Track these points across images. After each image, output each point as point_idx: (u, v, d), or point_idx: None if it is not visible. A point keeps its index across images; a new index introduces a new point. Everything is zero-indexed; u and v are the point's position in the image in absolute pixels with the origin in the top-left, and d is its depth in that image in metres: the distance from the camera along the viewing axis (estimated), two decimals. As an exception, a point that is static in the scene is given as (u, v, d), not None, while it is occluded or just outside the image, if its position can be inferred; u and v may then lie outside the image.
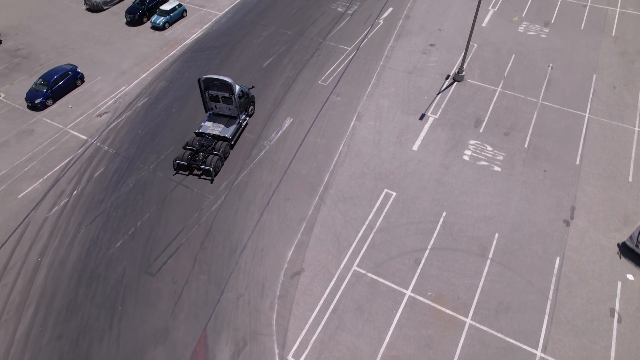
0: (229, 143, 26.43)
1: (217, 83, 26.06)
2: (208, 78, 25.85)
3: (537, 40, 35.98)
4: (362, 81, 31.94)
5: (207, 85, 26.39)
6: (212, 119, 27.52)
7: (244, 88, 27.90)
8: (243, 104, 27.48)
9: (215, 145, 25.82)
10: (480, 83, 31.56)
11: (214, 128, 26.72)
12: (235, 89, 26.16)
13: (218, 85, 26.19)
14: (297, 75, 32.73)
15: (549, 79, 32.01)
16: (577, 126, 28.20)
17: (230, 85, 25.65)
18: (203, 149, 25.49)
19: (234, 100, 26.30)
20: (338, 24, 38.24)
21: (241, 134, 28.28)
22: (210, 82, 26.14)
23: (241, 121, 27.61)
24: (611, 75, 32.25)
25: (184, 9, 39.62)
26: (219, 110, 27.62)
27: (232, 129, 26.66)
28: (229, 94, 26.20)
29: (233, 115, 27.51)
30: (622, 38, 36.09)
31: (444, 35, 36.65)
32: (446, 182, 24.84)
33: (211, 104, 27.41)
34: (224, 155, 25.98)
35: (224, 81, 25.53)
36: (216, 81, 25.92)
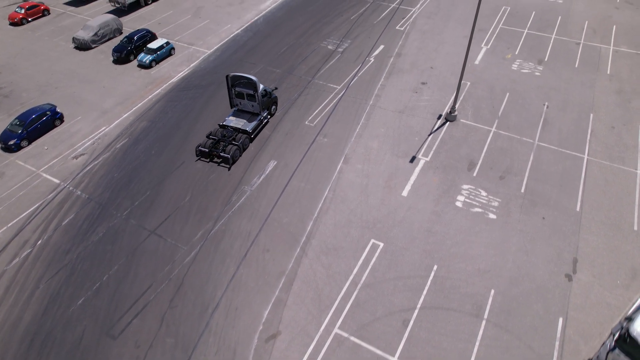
0: (249, 136, 28.54)
1: (244, 81, 28.47)
2: (235, 75, 28.30)
3: (532, 78, 35.10)
4: (351, 121, 30.79)
5: (234, 83, 28.81)
6: (236, 114, 29.86)
7: (267, 88, 29.83)
8: (265, 102, 29.68)
9: (236, 137, 27.95)
10: (474, 123, 30.36)
11: (237, 122, 29.09)
12: (259, 88, 28.34)
13: (244, 83, 28.57)
14: (283, 115, 31.61)
15: (544, 118, 30.84)
16: (576, 169, 26.74)
17: (254, 83, 27.97)
18: (224, 139, 27.71)
19: (257, 97, 28.44)
20: (328, 62, 37.54)
21: (261, 130, 30.18)
22: (237, 80, 28.60)
23: (262, 118, 29.79)
24: (609, 115, 31.08)
25: (171, 47, 39.07)
26: (243, 107, 29.91)
27: (253, 124, 28.91)
28: (253, 91, 28.33)
29: (255, 112, 29.65)
30: (617, 76, 35.19)
31: (436, 73, 35.82)
32: (437, 231, 23.15)
33: (236, 101, 29.76)
34: (243, 146, 27.95)
35: (249, 79, 27.98)
36: (242, 79, 28.31)
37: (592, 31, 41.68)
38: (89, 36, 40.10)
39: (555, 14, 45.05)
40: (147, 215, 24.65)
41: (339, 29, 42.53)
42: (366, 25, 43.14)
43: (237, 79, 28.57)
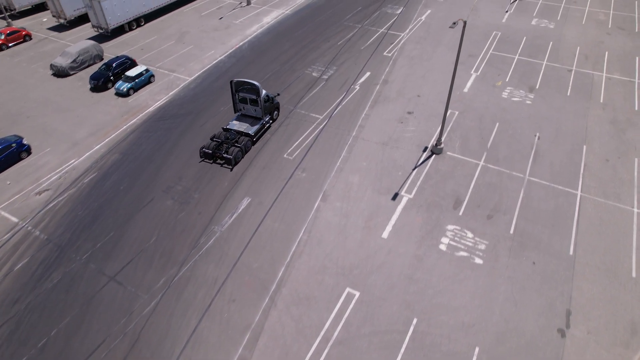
0: (251, 139, 29.57)
1: (247, 87, 29.59)
2: (239, 81, 29.35)
3: (522, 106, 33.76)
4: (332, 154, 29.28)
5: (238, 88, 29.87)
6: (239, 118, 30.83)
7: (270, 94, 30.94)
8: (268, 107, 30.69)
9: (239, 140, 28.88)
10: (461, 156, 28.84)
11: (240, 125, 30.03)
12: (262, 93, 29.38)
13: (247, 89, 29.75)
14: (262, 147, 30.13)
15: (535, 150, 29.34)
16: (569, 207, 25.09)
17: (257, 89, 29.03)
18: (227, 141, 28.62)
19: (260, 102, 29.56)
20: (312, 89, 36.27)
21: (263, 134, 31.11)
22: (241, 85, 29.68)
23: (264, 122, 30.79)
24: (603, 147, 29.59)
25: (151, 74, 37.88)
26: (246, 112, 31.00)
27: (255, 128, 29.90)
28: (255, 96, 29.50)
29: (258, 117, 30.71)
30: (610, 105, 33.85)
31: (423, 101, 34.50)
32: (419, 278, 21.35)
33: (240, 105, 30.83)
34: (245, 148, 28.95)
35: (252, 84, 29.05)
36: (246, 84, 29.41)
37: (584, 57, 40.59)
38: (67, 63, 38.97)
39: (546, 39, 44.09)
40: (108, 259, 22.89)
41: (325, 55, 41.47)
42: (353, 51, 42.10)
43: (240, 85, 29.68)
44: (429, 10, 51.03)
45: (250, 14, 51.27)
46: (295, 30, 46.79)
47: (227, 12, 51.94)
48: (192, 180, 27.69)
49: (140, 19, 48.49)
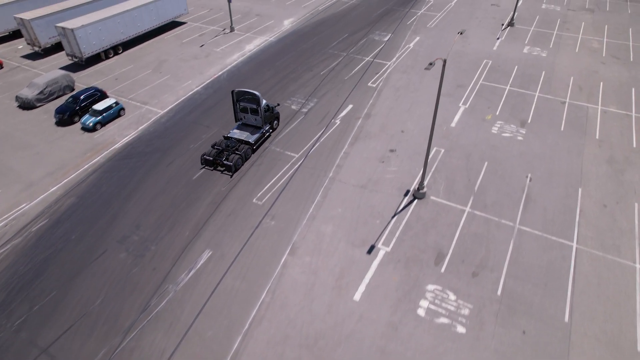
0: (251, 147, 30.31)
1: (248, 96, 30.22)
2: (240, 91, 30.15)
3: (513, 143, 31.56)
4: (305, 199, 26.90)
5: (239, 98, 30.63)
6: (240, 127, 31.66)
7: (270, 103, 31.81)
8: (267, 117, 31.50)
9: (239, 147, 29.50)
10: (445, 201, 26.47)
11: (240, 134, 30.83)
12: (262, 103, 30.21)
13: (248, 99, 30.41)
14: (229, 191, 27.77)
15: (527, 194, 26.98)
16: (564, 262, 22.59)
17: (258, 98, 29.85)
18: (228, 149, 29.32)
19: (260, 112, 30.44)
20: (289, 124, 34.13)
21: (263, 142, 31.96)
22: (242, 95, 30.39)
23: (264, 131, 31.60)
24: (599, 190, 27.25)
25: (120, 107, 35.80)
26: (246, 121, 31.77)
27: (255, 136, 30.71)
28: (256, 106, 30.34)
29: (258, 126, 31.53)
30: (607, 141, 31.66)
31: (406, 137, 32.32)
32: (392, 351, 18.72)
33: (240, 115, 31.63)
34: (245, 156, 29.67)
35: (253, 94, 29.79)
36: (247, 94, 30.10)
37: (578, 88, 38.63)
38: (33, 94, 36.96)
39: (538, 68, 42.24)
40: (44, 326, 20.27)
41: (306, 86, 39.51)
42: (336, 81, 40.17)
43: (241, 94, 30.37)
44: (418, 37, 49.43)
45: (233, 41, 49.64)
46: (278, 58, 45.00)
47: (209, 39, 50.32)
48: (150, 229, 25.25)
49: (118, 47, 46.78)
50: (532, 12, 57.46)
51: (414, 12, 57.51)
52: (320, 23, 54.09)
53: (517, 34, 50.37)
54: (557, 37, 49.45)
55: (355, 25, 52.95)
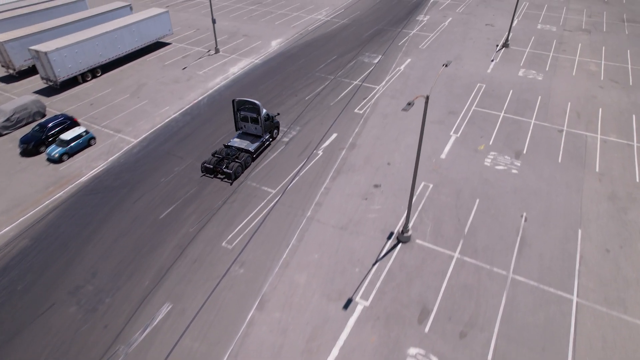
0: (251, 155, 30.54)
1: (248, 106, 30.69)
2: (241, 100, 30.63)
3: (507, 177, 29.37)
4: (279, 242, 24.60)
5: (239, 107, 31.14)
6: (240, 136, 32.06)
7: (270, 112, 32.52)
8: (267, 126, 31.92)
9: (239, 156, 29.81)
10: (433, 245, 24.16)
11: (240, 143, 31.25)
12: (262, 112, 30.64)
13: (248, 108, 30.86)
14: (197, 233, 25.48)
15: (522, 236, 24.69)
16: (563, 320, 20.19)
17: (258, 108, 30.30)
18: (228, 157, 29.65)
19: (260, 121, 30.88)
20: (269, 155, 32.00)
21: (263, 151, 32.27)
22: (242, 104, 30.87)
23: (264, 140, 31.94)
24: (601, 232, 24.97)
25: (90, 136, 33.71)
26: (247, 130, 32.27)
27: (255, 145, 31.05)
28: (256, 115, 30.79)
29: (258, 135, 31.99)
30: (608, 175, 29.49)
31: (393, 171, 30.16)
32: None
33: (241, 124, 32.17)
34: (245, 163, 29.88)
35: (253, 103, 30.26)
36: (247, 103, 30.58)
37: (575, 115, 36.62)
38: (-1, 122, 34.91)
39: (534, 93, 40.31)
40: None
41: (289, 113, 37.50)
42: (321, 107, 38.17)
43: (242, 104, 30.80)
44: (409, 59, 47.66)
45: (217, 63, 47.84)
46: (262, 82, 43.12)
47: (193, 61, 48.54)
48: (107, 277, 22.89)
49: (97, 69, 44.94)
50: (527, 32, 55.89)
51: (406, 32, 55.93)
52: (309, 44, 52.41)
53: (512, 56, 48.64)
54: (554, 59, 47.69)
55: (345, 46, 51.25)
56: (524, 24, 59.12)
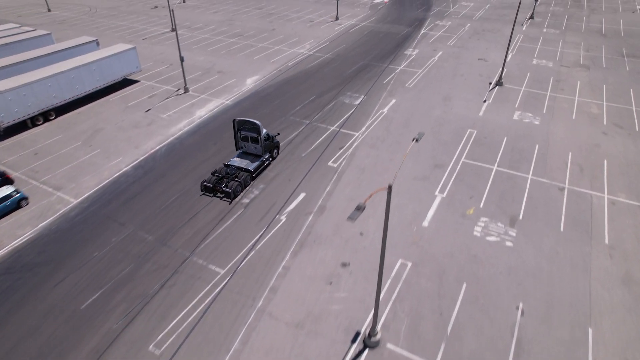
0: (250, 174, 30.44)
1: (249, 125, 30.76)
2: (241, 120, 30.86)
3: (501, 252, 24.85)
4: (218, 347, 19.89)
5: (240, 127, 31.30)
6: (241, 156, 32.13)
7: (270, 132, 33.53)
8: (268, 145, 31.96)
9: (238, 175, 29.68)
10: (407, 353, 19.46)
11: (240, 162, 31.26)
12: (262, 132, 30.65)
13: (249, 127, 30.92)
14: (122, 330, 20.75)
15: (518, 338, 20.02)
16: None
17: (258, 127, 30.34)
18: (227, 176, 29.56)
19: (260, 140, 30.91)
20: (222, 222, 27.56)
21: (262, 171, 32.12)
22: (243, 124, 31.01)
23: (264, 160, 31.92)
24: (617, 331, 20.28)
25: (21, 197, 29.34)
26: (247, 149, 32.30)
27: (255, 164, 30.99)
28: (256, 135, 30.86)
29: (258, 154, 31.94)
30: (619, 249, 24.96)
31: (365, 243, 25.66)
32: None
33: (241, 143, 32.25)
34: (244, 183, 29.64)
35: (254, 123, 30.34)
36: (247, 123, 30.69)
37: (578, 169, 32.35)
38: None
39: (531, 141, 36.17)
40: None
41: (255, 165, 33.23)
42: (291, 160, 33.95)
43: (242, 123, 31.13)
44: (394, 100, 43.76)
45: (184, 104, 43.91)
46: (229, 128, 39.05)
47: (159, 102, 44.62)
48: (-4, 399, 18.06)
49: (50, 112, 40.92)
50: (522, 68, 52.26)
51: (393, 68, 52.31)
52: (287, 82, 48.67)
53: (506, 95, 44.77)
54: (551, 100, 43.80)
55: (325, 85, 47.46)
56: (519, 58, 55.59)
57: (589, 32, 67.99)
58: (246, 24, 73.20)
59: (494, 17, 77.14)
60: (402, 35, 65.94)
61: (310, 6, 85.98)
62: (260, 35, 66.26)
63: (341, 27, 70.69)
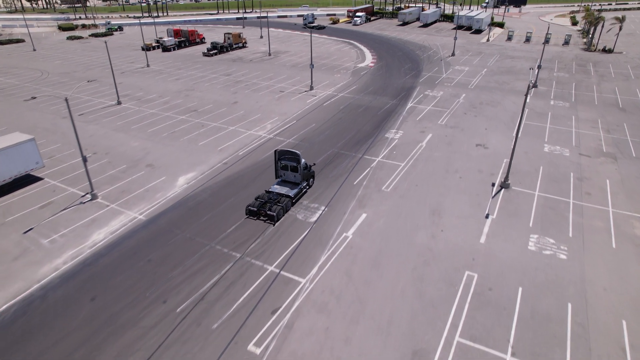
0: (291, 200, 32.74)
1: (289, 155, 33.40)
2: (282, 150, 33.65)
3: None
4: None
5: (280, 157, 33.90)
6: (280, 184, 34.49)
7: (308, 162, 36.12)
8: (305, 174, 34.44)
9: (280, 200, 31.95)
10: None
11: (280, 189, 33.52)
12: (302, 161, 33.13)
13: (289, 157, 33.50)
14: None
15: None
16: None
17: (298, 157, 33.04)
18: (270, 201, 31.65)
19: (300, 169, 33.43)
20: None
21: (300, 198, 34.05)
22: (283, 154, 33.69)
23: (302, 187, 34.41)
24: None
25: None
26: (286, 177, 34.62)
27: (294, 191, 33.34)
28: (296, 164, 33.36)
29: (296, 182, 34.35)
30: None
31: None
32: None
33: (281, 172, 34.55)
34: (286, 207, 32.03)
35: (293, 153, 33.21)
36: (288, 153, 33.44)
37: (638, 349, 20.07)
38: None
39: (559, 296, 24.36)
40: None
41: (129, 354, 21.05)
42: (193, 337, 21.79)
43: (283, 153, 33.52)
44: (364, 214, 32.41)
45: (82, 220, 32.49)
46: (128, 265, 27.34)
47: (50, 215, 33.27)
48: None
49: None
50: (532, 159, 41.31)
51: (369, 159, 41.43)
52: (230, 182, 37.61)
53: (516, 206, 33.39)
54: (577, 212, 32.38)
55: (276, 189, 36.19)
56: (526, 143, 44.87)
57: (604, 105, 57.97)
58: (206, 94, 63.69)
59: (492, 85, 67.81)
60: (385, 110, 55.90)
61: (285, 72, 77.23)
62: (218, 111, 56.29)
63: (315, 99, 61.01)
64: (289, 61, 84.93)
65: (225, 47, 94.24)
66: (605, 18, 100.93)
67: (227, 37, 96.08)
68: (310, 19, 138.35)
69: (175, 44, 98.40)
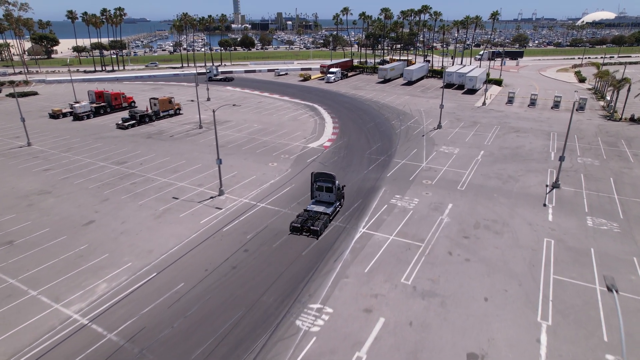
0: (328, 217, 35.57)
1: (324, 178, 36.94)
2: (318, 172, 37.26)
3: None
4: None
5: (316, 179, 37.34)
6: (316, 203, 37.53)
7: (341, 184, 38.90)
8: (339, 194, 37.87)
9: (320, 217, 35.06)
10: None
11: (317, 207, 36.78)
12: (336, 182, 36.65)
13: (324, 179, 37.02)
14: None
15: None
16: None
17: (333, 178, 36.51)
18: (311, 218, 34.82)
19: (334, 189, 37.02)
20: None
21: (335, 215, 37.14)
22: (319, 176, 37.24)
23: (337, 206, 37.77)
24: None
25: None
26: (320, 198, 38.00)
27: (331, 209, 36.58)
28: (331, 184, 36.97)
29: (331, 202, 37.63)
30: None
31: None
32: None
33: (316, 193, 37.98)
34: (325, 223, 34.79)
35: (329, 175, 36.65)
36: (323, 175, 36.99)
37: None
38: None
39: None
40: None
41: None
42: None
43: (318, 176, 37.10)
44: None
45: None
46: None
47: None
48: None
49: None
50: None
51: None
52: None
53: None
54: None
55: None
56: (560, 335, 21.80)
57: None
58: (61, 203, 41.53)
59: (493, 183, 45.94)
60: (316, 247, 33.31)
61: (204, 157, 55.65)
62: (50, 242, 33.88)
63: (217, 214, 38.86)
64: (221, 137, 63.74)
65: (148, 116, 73.68)
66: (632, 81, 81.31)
67: (153, 104, 75.78)
68: (214, 72, 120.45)
69: (90, 111, 78.03)
